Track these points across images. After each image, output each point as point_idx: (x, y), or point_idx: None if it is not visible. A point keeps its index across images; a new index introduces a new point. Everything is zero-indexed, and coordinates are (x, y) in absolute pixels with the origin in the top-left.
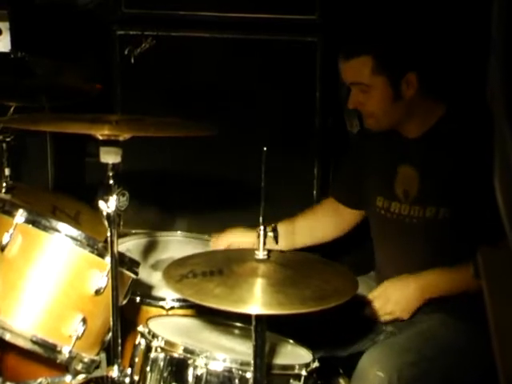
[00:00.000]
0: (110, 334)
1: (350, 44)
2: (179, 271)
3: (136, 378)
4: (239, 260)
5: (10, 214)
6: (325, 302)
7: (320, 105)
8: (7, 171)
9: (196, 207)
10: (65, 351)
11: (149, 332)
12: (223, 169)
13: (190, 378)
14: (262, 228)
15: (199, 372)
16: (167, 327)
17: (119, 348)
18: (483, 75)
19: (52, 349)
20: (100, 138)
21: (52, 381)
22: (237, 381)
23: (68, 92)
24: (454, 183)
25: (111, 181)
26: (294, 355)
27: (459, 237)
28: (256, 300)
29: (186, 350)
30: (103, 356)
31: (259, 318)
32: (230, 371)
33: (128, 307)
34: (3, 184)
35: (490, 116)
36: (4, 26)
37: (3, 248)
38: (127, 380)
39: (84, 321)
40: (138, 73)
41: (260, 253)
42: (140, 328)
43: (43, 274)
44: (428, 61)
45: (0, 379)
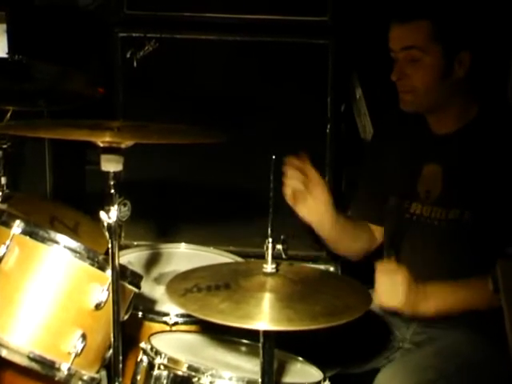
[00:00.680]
0: (111, 351)
1: (409, 6)
2: (183, 285)
3: None
4: (246, 274)
5: (7, 225)
6: (336, 318)
7: (332, 111)
8: (3, 180)
9: (201, 218)
10: (63, 368)
11: (151, 349)
12: (230, 178)
13: None
14: (271, 240)
15: None
16: (171, 344)
17: (120, 365)
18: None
19: (50, 366)
20: (101, 146)
21: None
22: None
23: (68, 97)
24: (481, 186)
25: (112, 190)
26: (304, 374)
27: (482, 242)
28: (264, 316)
29: (191, 368)
30: (103, 374)
31: (267, 335)
32: None
33: (130, 323)
34: None
35: None
36: (1, 28)
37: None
38: None
39: (83, 337)
40: (141, 77)
41: (268, 266)
42: (142, 344)
43: (41, 288)
44: (482, 47)
45: None
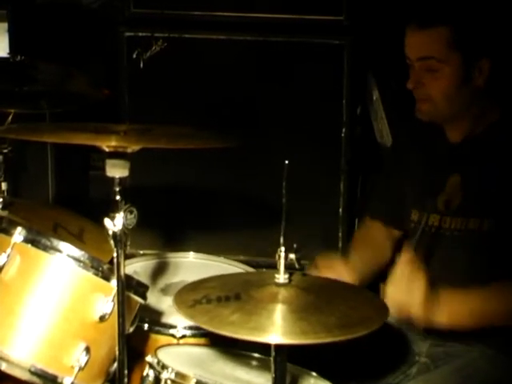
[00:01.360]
0: (116, 365)
1: (427, 12)
2: (192, 296)
3: None
4: (257, 284)
5: (8, 233)
6: (352, 331)
7: (347, 114)
8: (4, 185)
9: (210, 226)
10: (66, 383)
11: (158, 362)
12: (241, 184)
13: None
14: (283, 249)
15: None
16: (178, 357)
17: (125, 380)
18: None
19: (52, 380)
20: (106, 150)
21: None
22: None
23: (71, 99)
24: (501, 193)
25: (118, 196)
26: None
27: (504, 251)
28: (276, 328)
29: (199, 383)
30: None
31: (279, 348)
32: None
33: (135, 335)
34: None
35: None
36: (2, 28)
37: (0, 269)
38: None
39: (87, 350)
40: (148, 78)
41: (280, 276)
42: (148, 358)
43: (43, 299)
44: (504, 52)
45: None
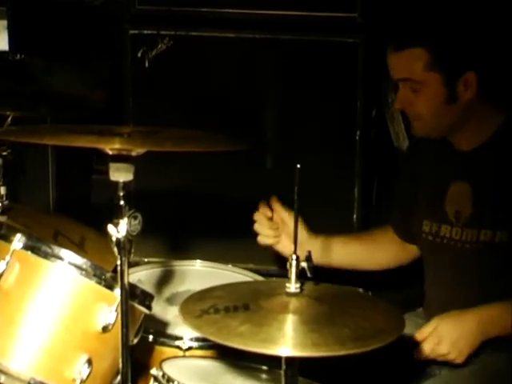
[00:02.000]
0: (119, 378)
1: (402, 33)
2: (198, 306)
3: None
4: (267, 294)
5: (7, 239)
6: (366, 344)
7: (362, 115)
8: (3, 190)
9: (218, 232)
10: None
11: (163, 376)
12: (250, 189)
13: None
14: (295, 257)
15: None
16: (184, 370)
17: None
18: None
19: None
20: (109, 153)
21: None
22: None
23: (73, 99)
24: None
25: (122, 201)
26: None
27: None
28: (286, 340)
29: None
30: None
31: (290, 361)
32: None
33: (139, 347)
34: None
35: None
36: (2, 25)
37: None
38: None
39: (89, 362)
40: (153, 78)
41: (292, 286)
42: (153, 371)
43: (43, 308)
44: (490, 60)
45: None
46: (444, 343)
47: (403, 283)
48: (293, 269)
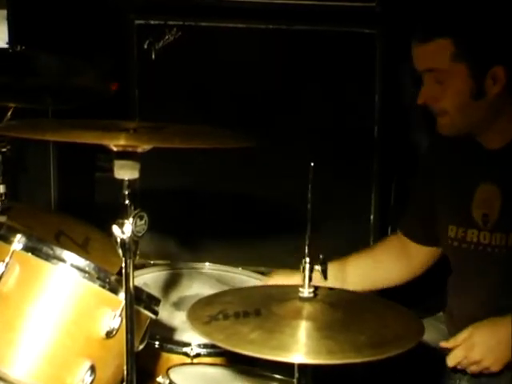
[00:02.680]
0: None
1: (428, 24)
2: (207, 311)
3: None
4: (280, 299)
5: (6, 240)
6: (384, 351)
7: (380, 110)
8: (2, 188)
9: (228, 234)
10: None
11: None
12: (262, 188)
13: None
14: (308, 260)
15: None
16: (192, 378)
17: None
18: None
19: None
20: (114, 150)
21: None
22: None
23: (76, 93)
24: None
25: (127, 201)
26: None
27: None
28: (299, 347)
29: None
30: None
31: (303, 369)
32: None
33: (145, 354)
34: None
35: None
36: (1, 15)
37: None
38: None
39: (92, 369)
40: (160, 71)
41: (305, 290)
42: (159, 379)
43: (44, 313)
44: None
45: None
46: (478, 349)
47: (421, 287)
48: (306, 273)
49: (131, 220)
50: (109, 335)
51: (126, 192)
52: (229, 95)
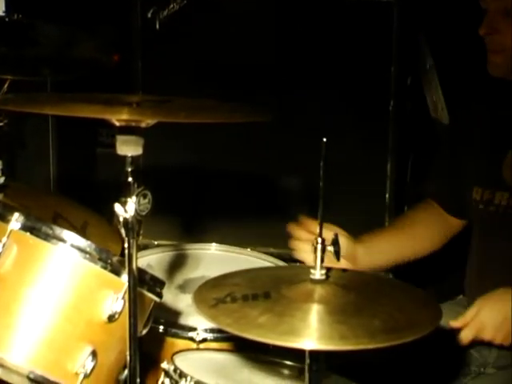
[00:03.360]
0: (126, 372)
1: None
2: (214, 294)
3: None
4: (290, 281)
5: (3, 219)
6: (399, 336)
7: (396, 83)
8: None
9: (235, 213)
10: None
11: (175, 370)
12: (272, 165)
13: None
14: (320, 241)
15: None
16: (198, 365)
17: None
18: None
19: None
20: (116, 124)
21: None
22: None
23: (76, 65)
24: None
25: (130, 178)
26: None
27: None
28: (311, 332)
29: None
30: None
31: (315, 355)
32: None
33: (149, 338)
34: None
35: None
36: None
37: None
38: None
39: (94, 354)
40: (165, 41)
41: (317, 272)
42: (164, 365)
43: (43, 295)
44: None
45: None
46: (488, 329)
47: (440, 269)
48: (318, 253)
49: (134, 198)
50: (111, 319)
51: (129, 169)
52: (237, 67)
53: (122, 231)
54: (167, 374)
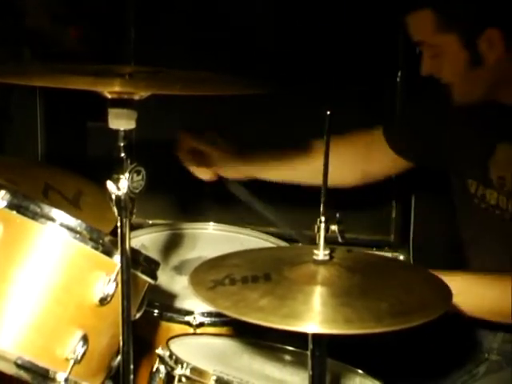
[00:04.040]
0: (119, 358)
1: None
2: (212, 276)
3: None
4: (292, 262)
5: None
6: (408, 319)
7: (404, 53)
8: None
9: None
10: (59, 378)
11: (170, 356)
12: (272, 139)
13: None
14: (323, 220)
15: None
16: (195, 350)
17: (131, 376)
18: None
19: (43, 375)
20: (108, 97)
21: None
22: None
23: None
24: None
25: (122, 153)
26: None
27: None
28: (314, 315)
29: (220, 381)
30: None
31: (318, 340)
32: None
33: (143, 323)
34: None
35: None
36: None
37: None
38: None
39: (85, 339)
40: (159, 7)
41: (320, 252)
42: (159, 351)
43: (31, 277)
44: None
45: None
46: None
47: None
48: (321, 233)
49: (127, 175)
50: (103, 302)
51: (122, 144)
52: (235, 35)
53: (115, 210)
54: (162, 361)
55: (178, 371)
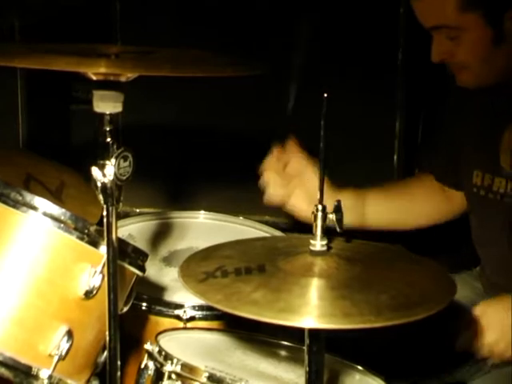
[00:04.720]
0: (106, 354)
1: None
2: (203, 267)
3: None
4: (287, 253)
5: None
6: (409, 313)
7: (404, 34)
8: None
9: (226, 177)
10: (43, 376)
11: (159, 352)
12: (267, 123)
13: None
14: (321, 208)
15: None
16: (185, 346)
17: (118, 373)
18: None
19: (25, 372)
20: (93, 78)
21: None
22: None
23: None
24: None
25: (108, 138)
26: None
27: None
28: (310, 309)
29: (212, 378)
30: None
31: (315, 335)
32: None
33: (131, 317)
34: None
35: None
36: None
37: None
38: None
39: (69, 334)
40: None
41: (316, 242)
42: (147, 346)
43: (13, 269)
44: None
45: None
46: (492, 330)
47: (454, 235)
48: (318, 222)
49: (114, 161)
50: (88, 295)
51: (108, 128)
52: (228, 13)
53: (100, 198)
54: (151, 356)
55: (168, 368)
